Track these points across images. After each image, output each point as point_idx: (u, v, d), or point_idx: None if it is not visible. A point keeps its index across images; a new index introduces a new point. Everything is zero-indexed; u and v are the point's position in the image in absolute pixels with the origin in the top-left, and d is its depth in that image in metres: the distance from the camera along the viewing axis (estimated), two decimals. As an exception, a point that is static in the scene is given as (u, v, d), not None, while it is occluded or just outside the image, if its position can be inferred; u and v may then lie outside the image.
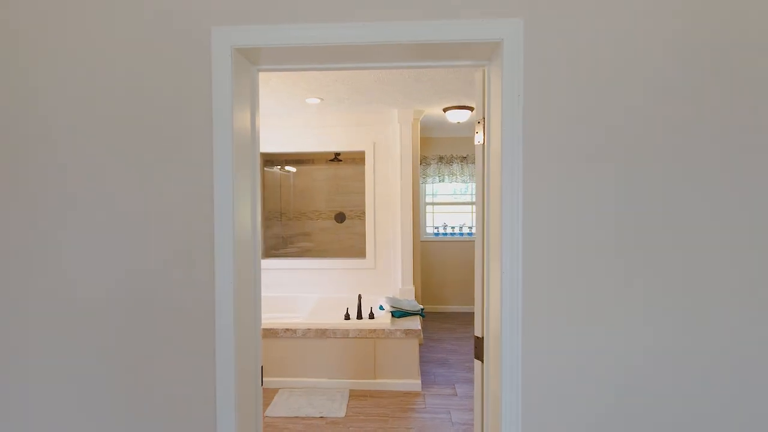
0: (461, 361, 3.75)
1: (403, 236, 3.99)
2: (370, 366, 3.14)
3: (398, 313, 3.40)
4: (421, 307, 3.55)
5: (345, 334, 3.12)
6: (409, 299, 3.74)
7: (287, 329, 3.13)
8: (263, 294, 4.29)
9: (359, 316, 3.26)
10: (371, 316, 3.26)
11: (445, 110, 4.01)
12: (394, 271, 4.11)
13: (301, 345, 3.15)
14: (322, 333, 3.12)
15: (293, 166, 5.41)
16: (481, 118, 1.34)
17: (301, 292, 4.16)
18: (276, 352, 3.15)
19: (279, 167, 5.37)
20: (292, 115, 4.09)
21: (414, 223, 4.06)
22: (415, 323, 3.26)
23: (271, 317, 3.94)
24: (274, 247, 5.30)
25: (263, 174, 4.31)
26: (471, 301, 5.45)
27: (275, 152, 4.15)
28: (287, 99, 3.47)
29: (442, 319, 5.15)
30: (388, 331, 3.11)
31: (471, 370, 3.55)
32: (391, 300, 3.59)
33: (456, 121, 4.05)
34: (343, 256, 4.31)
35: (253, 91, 1.33)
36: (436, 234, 5.57)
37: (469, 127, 4.94)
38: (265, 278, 4.12)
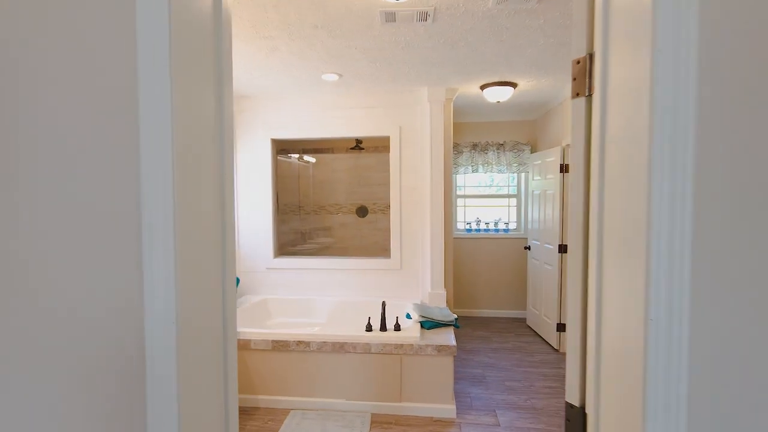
0: (500, 379, 3.23)
1: (433, 233, 3.49)
2: (396, 387, 2.67)
3: (428, 324, 2.92)
4: (455, 316, 3.05)
5: (366, 349, 2.66)
6: (440, 307, 3.25)
7: (300, 342, 2.70)
8: (275, 296, 3.92)
9: (383, 327, 2.79)
10: (397, 327, 2.79)
11: (482, 88, 3.46)
12: (422, 273, 3.62)
13: (315, 360, 2.71)
14: (340, 347, 2.68)
15: (310, 155, 4.98)
16: (585, 54, 0.83)
17: (318, 294, 3.74)
18: (287, 367, 2.73)
19: (298, 156, 4.96)
20: (308, 96, 3.64)
21: (446, 219, 3.55)
22: (448, 336, 2.76)
23: (284, 322, 3.53)
24: (292, 243, 4.90)
25: (276, 163, 3.89)
26: (506, 305, 4.89)
27: (289, 138, 3.71)
28: (300, 73, 3.01)
29: (475, 325, 4.62)
30: (417, 346, 2.63)
31: (513, 391, 3.03)
32: (420, 307, 3.10)
33: (495, 101, 3.49)
34: (365, 255, 3.85)
35: None
36: (468, 230, 5.03)
37: (509, 108, 4.36)
38: (279, 278, 3.72)
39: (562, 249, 3.75)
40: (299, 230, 5.06)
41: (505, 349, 3.86)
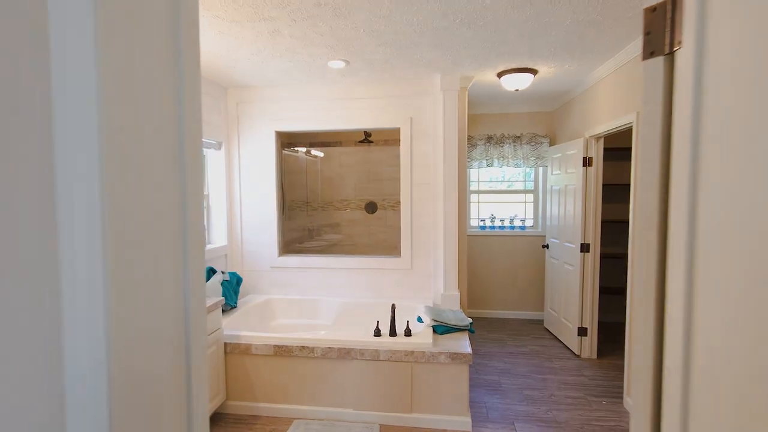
0: (518, 387, 3.02)
1: (446, 231, 3.28)
2: (406, 397, 2.48)
3: (441, 329, 2.72)
4: (470, 320, 2.84)
5: (374, 356, 2.48)
6: (454, 309, 3.04)
7: (303, 347, 2.53)
8: (279, 296, 3.75)
9: (392, 332, 2.60)
10: (407, 332, 2.60)
11: (500, 75, 3.23)
12: (434, 273, 3.42)
13: (320, 367, 2.54)
14: (347, 353, 2.50)
15: (318, 149, 4.80)
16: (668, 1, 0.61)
17: (324, 295, 3.56)
18: (290, 374, 2.56)
19: (305, 150, 4.78)
20: (313, 85, 3.45)
21: (460, 216, 3.34)
22: (463, 343, 2.56)
23: (289, 324, 3.37)
24: (299, 240, 4.74)
25: (281, 156, 3.72)
26: (522, 306, 4.67)
27: (294, 131, 3.53)
28: (305, 60, 2.82)
29: (488, 326, 4.41)
30: (430, 354, 2.44)
31: (532, 401, 2.82)
32: (432, 310, 2.91)
33: (514, 89, 3.25)
34: (374, 254, 3.67)
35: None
36: (482, 227, 4.81)
37: (527, 99, 4.11)
38: (283, 277, 3.56)
39: (584, 248, 3.51)
40: (306, 227, 4.90)
41: (522, 354, 3.64)
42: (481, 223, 4.83)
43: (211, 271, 3.14)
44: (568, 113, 4.04)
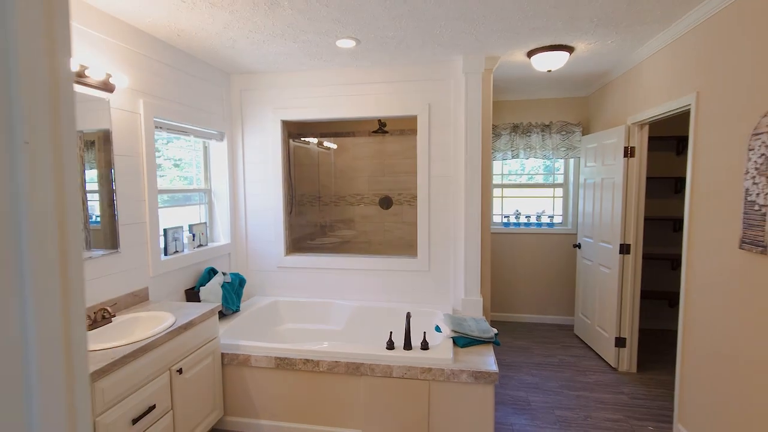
0: (548, 406, 2.69)
1: (468, 230, 2.95)
2: (422, 419, 2.19)
3: (463, 341, 2.41)
4: (495, 331, 2.52)
5: (387, 372, 2.19)
6: (476, 318, 2.73)
7: (307, 360, 2.26)
8: (286, 298, 3.38)
9: (407, 345, 2.31)
10: (424, 344, 2.30)
11: (530, 54, 2.86)
12: (454, 275, 3.10)
13: (326, 382, 2.27)
14: (356, 368, 2.22)
15: (329, 140, 4.51)
16: None
17: (334, 297, 3.30)
18: (293, 389, 2.30)
19: (317, 142, 4.50)
20: (322, 70, 3.15)
21: (483, 213, 3.00)
22: (487, 359, 2.25)
23: (296, 329, 3.12)
24: (311, 237, 4.48)
25: (289, 148, 3.45)
26: (550, 310, 4.30)
27: (302, 120, 3.24)
28: (311, 39, 2.52)
29: (512, 331, 4.07)
30: (450, 371, 2.13)
31: (566, 424, 2.49)
32: (452, 319, 2.60)
33: (546, 69, 2.88)
34: (389, 253, 3.37)
35: None
36: (506, 224, 4.45)
37: (558, 82, 3.71)
38: (291, 278, 3.30)
39: (624, 249, 3.12)
40: (318, 223, 4.64)
41: (551, 365, 3.30)
42: (505, 220, 4.46)
43: (211, 272, 2.90)
44: (606, 98, 3.62)
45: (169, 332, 1.89)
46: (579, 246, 3.87)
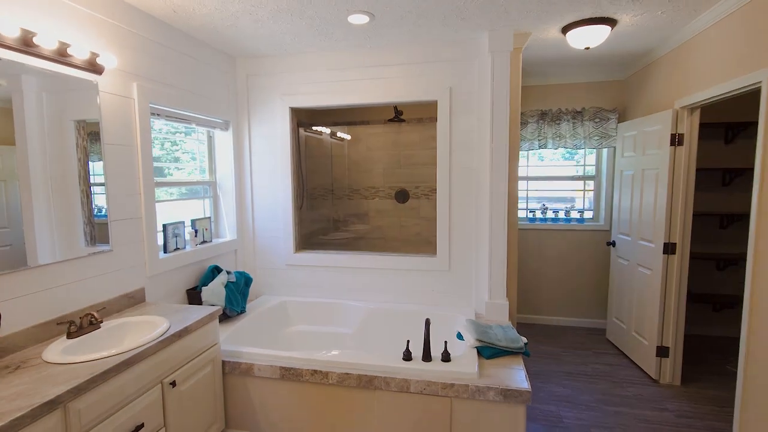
0: (584, 425, 2.41)
1: (493, 226, 2.68)
2: (444, 441, 1.95)
3: (488, 351, 2.15)
4: (525, 340, 2.25)
5: (403, 386, 1.95)
6: (503, 325, 2.46)
7: (315, 371, 2.04)
8: (296, 298, 3.03)
9: (426, 356, 2.06)
10: (445, 356, 2.05)
11: (565, 30, 2.54)
12: (477, 276, 2.83)
13: (336, 396, 2.04)
14: (368, 382, 1.99)
15: (341, 129, 4.26)
16: None
17: (346, 298, 3.07)
18: (300, 402, 2.09)
19: (329, 132, 4.26)
20: (332, 51, 2.89)
21: (510, 208, 2.72)
22: (517, 373, 1.98)
23: (306, 331, 2.91)
24: (323, 232, 4.27)
25: (298, 137, 3.21)
26: (579, 312, 3.99)
27: (312, 107, 3.00)
28: (319, 14, 2.26)
29: (539, 336, 3.78)
30: (475, 388, 1.88)
31: (606, 446, 2.21)
32: (476, 326, 2.34)
33: (583, 47, 2.56)
34: (405, 251, 3.12)
35: None
36: (531, 219, 4.13)
37: (592, 64, 3.36)
38: (300, 277, 3.09)
39: (669, 249, 2.80)
40: (330, 218, 4.42)
41: (584, 375, 3.00)
42: (530, 215, 4.15)
43: (215, 270, 2.71)
44: (648, 80, 3.26)
45: (161, 341, 1.69)
46: (613, 244, 3.54)
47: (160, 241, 2.47)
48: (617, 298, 3.46)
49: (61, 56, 1.72)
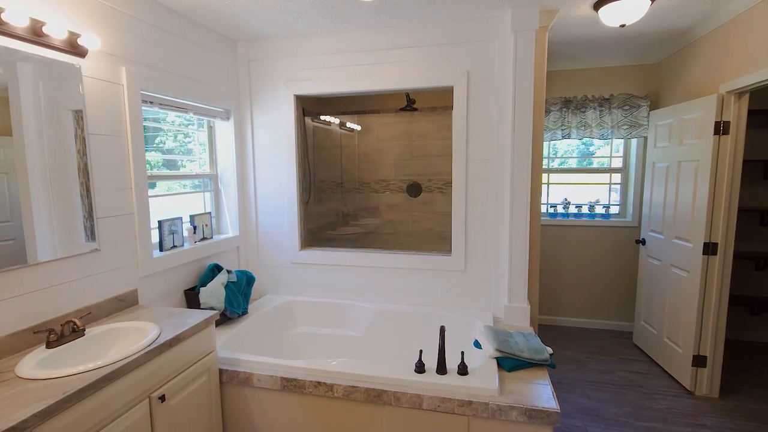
0: (613, 440, 2.20)
1: (514, 223, 2.45)
2: (460, 463, 1.76)
3: (509, 363, 1.95)
4: (550, 351, 2.04)
5: (415, 402, 1.76)
6: (525, 332, 2.24)
7: (319, 383, 1.86)
8: (301, 298, 2.81)
9: (441, 368, 1.87)
10: (462, 368, 1.85)
11: (598, 5, 2.27)
12: (495, 277, 2.62)
13: (342, 411, 1.87)
14: (377, 396, 1.80)
15: (350, 119, 4.05)
16: None
17: (354, 299, 2.89)
18: (303, 416, 1.92)
19: (339, 123, 4.06)
20: (340, 33, 2.67)
21: (533, 204, 2.49)
22: (543, 389, 1.78)
23: (312, 333, 2.74)
24: (331, 227, 4.09)
25: (303, 127, 3.01)
26: (603, 314, 3.75)
27: (318, 94, 2.80)
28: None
29: (560, 339, 3.56)
30: (495, 407, 1.68)
31: (640, 468, 2.00)
32: (495, 333, 2.13)
33: (619, 24, 2.29)
34: (417, 249, 2.92)
35: None
36: (552, 215, 3.89)
37: (621, 47, 3.07)
38: (306, 275, 2.92)
39: (709, 249, 2.54)
40: (339, 212, 4.24)
41: (611, 384, 2.78)
42: (551, 210, 3.90)
43: (215, 269, 2.55)
44: (687, 62, 2.97)
45: (148, 352, 1.53)
46: (643, 242, 3.28)
47: (156, 239, 2.32)
48: (647, 301, 3.21)
49: (36, 35, 1.54)
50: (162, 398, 1.60)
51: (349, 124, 4.16)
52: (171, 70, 2.27)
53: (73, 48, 1.69)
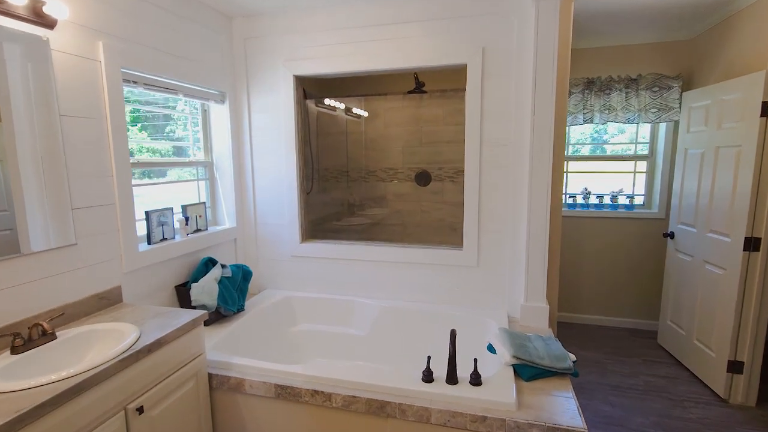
0: (641, 455, 2.00)
1: (533, 216, 2.23)
2: (472, 484, 1.58)
3: (528, 372, 1.75)
4: (573, 358, 1.84)
5: (422, 416, 1.58)
6: (544, 336, 2.04)
7: (315, 392, 1.69)
8: (302, 294, 2.59)
9: (451, 377, 1.68)
10: (475, 378, 1.66)
11: (633, -32, 2.00)
12: (511, 273, 2.41)
13: (340, 424, 1.70)
14: (380, 408, 1.62)
15: (355, 102, 3.83)
16: None
17: (358, 294, 2.71)
18: (295, 429, 1.75)
19: (344, 108, 3.84)
20: (342, 5, 2.44)
21: (554, 195, 2.27)
22: (566, 402, 1.58)
23: (313, 330, 2.58)
24: (336, 217, 3.91)
25: (304, 111, 2.80)
26: (624, 311, 3.52)
27: (319, 74, 2.58)
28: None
29: (578, 338, 3.34)
30: (513, 424, 1.49)
31: (672, 489, 1.80)
32: (512, 337, 1.93)
33: (656, -10, 2.02)
34: (427, 240, 2.72)
35: None
36: (571, 205, 3.64)
37: (650, 21, 2.78)
38: (307, 270, 2.75)
39: (751, 244, 2.29)
40: (345, 201, 4.04)
41: (635, 390, 2.57)
42: (570, 200, 3.65)
43: (209, 263, 2.38)
44: (727, 37, 2.68)
45: (123, 360, 1.37)
46: (671, 235, 3.03)
47: (143, 231, 2.15)
48: (674, 299, 2.97)
49: (-9, 1, 1.35)
50: (140, 410, 1.44)
51: (355, 110, 3.94)
52: (157, 47, 2.07)
53: (39, 17, 1.50)
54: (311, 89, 3.14)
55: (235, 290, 2.38)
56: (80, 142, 1.70)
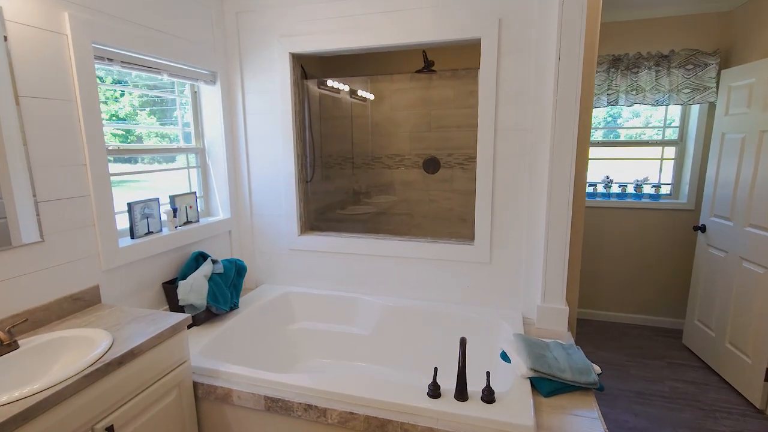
0: (670, 474, 1.80)
1: (553, 208, 2.01)
2: None
3: (548, 387, 1.56)
4: (598, 370, 1.64)
5: (428, 436, 1.40)
6: (564, 344, 1.83)
7: (309, 406, 1.52)
8: (301, 289, 2.37)
9: (461, 392, 1.49)
10: (488, 394, 1.47)
11: None
12: (527, 271, 2.20)
13: (336, 440, 1.53)
14: (380, 427, 1.45)
15: (359, 82, 3.58)
16: None
17: (361, 291, 2.53)
18: (290, 443, 1.59)
19: (349, 91, 3.61)
20: (343, -26, 2.19)
21: (577, 184, 2.03)
22: (591, 423, 1.39)
23: (312, 329, 2.41)
24: (341, 206, 3.71)
25: (303, 92, 2.57)
26: (646, 308, 3.30)
27: (318, 52, 2.35)
28: None
29: (595, 335, 3.14)
30: (532, 451, 1.30)
31: None
32: (528, 345, 1.73)
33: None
34: (435, 231, 2.51)
35: None
36: (591, 195, 3.39)
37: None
38: (307, 264, 2.57)
39: (800, 241, 2.04)
40: (350, 189, 3.84)
41: (660, 397, 2.37)
42: (590, 189, 3.41)
43: (199, 258, 2.22)
44: (775, 6, 2.37)
45: (87, 376, 1.20)
46: (702, 229, 2.77)
47: (125, 225, 1.98)
48: (703, 298, 2.74)
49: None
50: (110, 429, 1.29)
51: (360, 92, 3.70)
52: (137, 20, 1.86)
53: (-13, -18, 1.30)
54: (313, 69, 2.91)
55: (228, 287, 2.21)
56: (46, 128, 1.52)
